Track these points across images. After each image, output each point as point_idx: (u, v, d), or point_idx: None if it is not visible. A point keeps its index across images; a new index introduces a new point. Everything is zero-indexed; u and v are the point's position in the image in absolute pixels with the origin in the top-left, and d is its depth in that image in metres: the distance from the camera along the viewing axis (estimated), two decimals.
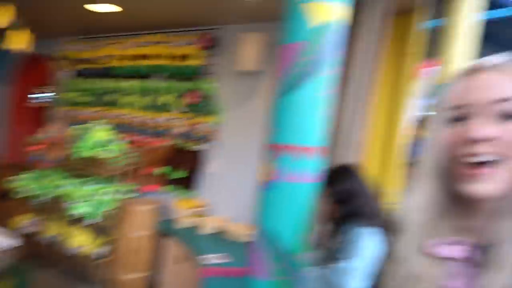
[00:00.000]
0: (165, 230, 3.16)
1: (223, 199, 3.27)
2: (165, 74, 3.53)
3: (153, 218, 3.28)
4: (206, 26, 3.45)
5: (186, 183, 3.37)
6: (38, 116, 5.61)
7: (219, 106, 3.33)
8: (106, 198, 3.40)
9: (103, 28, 3.92)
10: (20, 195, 3.76)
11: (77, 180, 3.59)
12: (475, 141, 0.59)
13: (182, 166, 3.33)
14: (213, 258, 2.34)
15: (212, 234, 2.97)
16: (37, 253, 3.82)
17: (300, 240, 1.11)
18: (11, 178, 3.79)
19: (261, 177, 1.15)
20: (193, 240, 2.80)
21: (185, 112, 3.43)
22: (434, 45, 2.63)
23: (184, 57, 3.37)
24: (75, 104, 4.26)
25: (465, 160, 0.60)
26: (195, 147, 3.35)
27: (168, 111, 3.53)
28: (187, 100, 3.33)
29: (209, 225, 2.98)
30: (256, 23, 3.21)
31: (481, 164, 0.58)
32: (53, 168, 3.87)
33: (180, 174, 3.31)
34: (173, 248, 3.04)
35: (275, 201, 1.15)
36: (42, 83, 5.53)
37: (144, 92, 3.70)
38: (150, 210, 3.27)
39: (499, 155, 0.58)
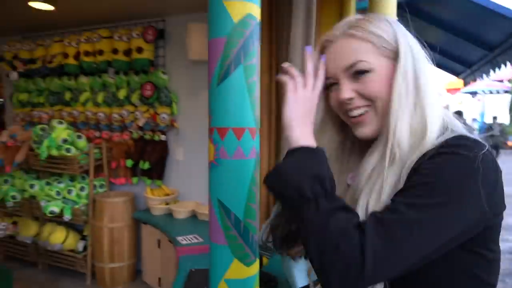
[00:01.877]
0: (141, 219, 3.35)
1: (191, 184, 3.50)
2: (119, 68, 3.57)
3: (128, 209, 3.47)
4: (153, 18, 3.50)
5: (155, 173, 3.54)
6: None
7: (174, 96, 3.46)
8: (72, 195, 3.53)
9: (47, 25, 3.84)
10: None
11: (43, 181, 3.68)
12: (345, 101, 0.76)
13: (148, 156, 3.48)
14: (185, 239, 2.59)
15: (184, 219, 3.21)
16: (19, 254, 3.93)
17: (246, 207, 1.37)
18: None
19: (210, 157, 1.38)
20: (167, 225, 3.02)
21: (143, 104, 3.54)
22: None
23: (134, 50, 3.41)
24: (30, 105, 4.21)
25: (346, 114, 0.78)
26: (158, 138, 3.50)
27: (126, 105, 3.62)
28: (143, 92, 3.43)
29: (181, 210, 3.21)
30: (203, 13, 3.31)
31: (357, 110, 0.76)
32: (18, 170, 3.91)
33: (147, 164, 3.47)
34: (151, 235, 3.26)
35: (223, 177, 1.39)
36: None
37: (100, 87, 3.73)
38: (124, 201, 3.45)
39: (365, 105, 0.75)
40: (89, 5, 3.17)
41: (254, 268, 1.41)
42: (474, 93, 15.36)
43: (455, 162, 0.63)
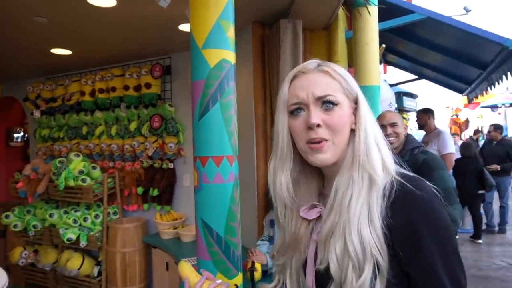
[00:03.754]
0: (151, 243, 3.54)
1: None
2: (130, 103, 3.87)
3: (139, 234, 3.67)
4: (160, 56, 3.82)
5: (164, 199, 3.75)
6: (17, 155, 5.88)
7: (180, 126, 3.71)
8: (87, 223, 3.76)
9: (66, 67, 4.23)
10: (14, 230, 4.08)
11: (62, 210, 3.93)
12: (314, 127, 0.80)
13: (157, 184, 3.70)
14: (188, 261, 2.75)
15: (191, 242, 3.37)
16: (39, 281, 4.15)
17: (227, 226, 1.55)
18: (3, 215, 4.08)
19: (195, 182, 1.58)
20: (175, 249, 3.19)
21: (152, 135, 3.80)
22: (350, 55, 3.09)
23: (143, 86, 3.71)
24: (51, 139, 4.56)
25: (309, 140, 0.81)
26: (166, 166, 3.73)
27: (137, 136, 3.89)
28: (152, 124, 3.70)
29: (187, 233, 3.38)
30: None
31: (319, 141, 0.81)
32: (39, 201, 4.19)
33: (156, 191, 3.69)
34: (160, 258, 3.43)
35: (205, 199, 1.60)
36: (16, 124, 5.80)
37: (114, 121, 4.04)
38: (136, 227, 3.65)
39: (328, 134, 0.81)
40: (102, 47, 3.52)
41: (237, 281, 1.56)
42: (494, 107, 15.12)
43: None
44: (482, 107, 14.89)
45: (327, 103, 0.81)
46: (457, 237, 5.46)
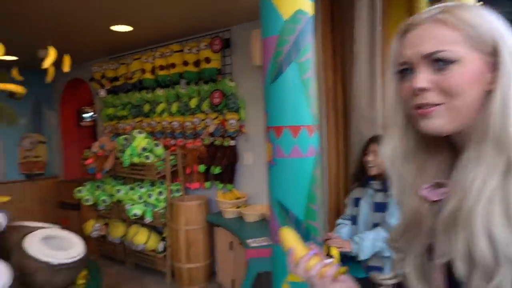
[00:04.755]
0: (215, 221, 3.48)
1: (259, 188, 3.54)
2: (190, 79, 3.78)
3: (202, 212, 3.63)
4: (219, 29, 3.66)
5: (225, 177, 3.66)
6: (85, 133, 6.19)
7: (241, 102, 3.55)
8: (151, 199, 3.79)
9: (127, 46, 4.24)
10: (86, 204, 4.28)
11: (128, 186, 4.02)
12: (418, 92, 0.65)
13: (219, 161, 3.61)
14: (254, 242, 2.62)
15: (254, 222, 3.25)
16: (110, 252, 4.35)
17: (307, 208, 1.33)
18: (76, 190, 4.29)
19: (268, 156, 1.37)
20: (239, 228, 3.09)
21: (213, 111, 3.69)
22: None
23: (203, 61, 3.60)
24: (116, 118, 4.67)
25: (416, 105, 0.67)
26: (227, 143, 3.61)
27: (198, 113, 3.81)
28: (212, 100, 3.59)
29: (251, 213, 3.26)
30: None
31: (428, 105, 0.65)
32: (107, 177, 4.34)
33: (218, 169, 3.60)
34: (224, 238, 3.36)
35: (281, 176, 1.37)
36: (86, 104, 6.07)
37: (174, 98, 4.00)
38: (199, 205, 3.62)
39: (442, 98, 0.64)
40: (162, 23, 3.43)
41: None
42: None
43: None
44: None
45: (439, 61, 0.64)
46: None
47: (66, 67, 2.47)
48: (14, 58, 4.69)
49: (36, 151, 5.68)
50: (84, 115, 6.04)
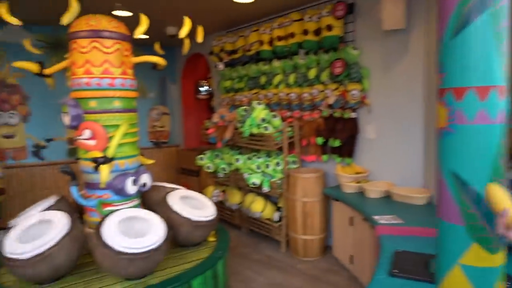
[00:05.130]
0: (333, 195, 3.40)
1: (382, 164, 3.33)
2: (309, 48, 3.67)
3: (319, 185, 3.58)
4: None
5: (345, 151, 3.52)
6: (202, 106, 6.62)
7: (365, 71, 3.32)
8: (269, 169, 3.86)
9: (246, 18, 4.30)
10: (207, 171, 4.60)
11: (245, 156, 4.16)
12: None
13: (338, 134, 3.48)
14: (382, 219, 2.47)
15: (377, 198, 3.07)
16: (227, 217, 4.64)
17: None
18: (198, 158, 4.63)
19: (442, 123, 1.20)
20: (361, 204, 2.96)
21: (332, 82, 3.54)
22: None
23: (324, 28, 3.44)
24: (233, 90, 4.85)
25: None
26: (348, 115, 3.45)
27: (316, 84, 3.70)
28: (334, 70, 3.43)
29: (374, 189, 3.09)
30: None
31: None
32: (225, 146, 4.57)
33: (337, 142, 3.48)
34: (342, 212, 3.28)
35: (460, 145, 1.19)
36: (202, 78, 6.46)
37: (293, 69, 3.95)
38: (316, 178, 3.57)
39: None
40: None
41: (499, 258, 1.18)
42: None
43: None
44: None
45: None
46: None
47: (200, 37, 2.57)
48: (145, 36, 5.17)
49: (161, 121, 6.29)
50: (201, 89, 6.43)
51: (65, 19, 1.92)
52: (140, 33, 2.24)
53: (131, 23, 2.40)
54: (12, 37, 4.47)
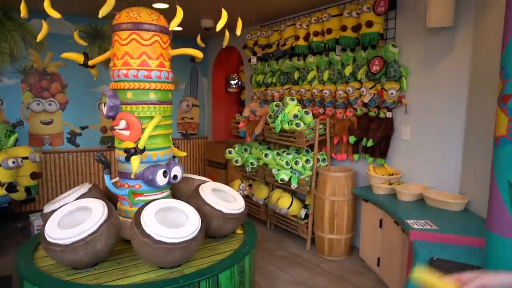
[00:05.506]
0: (363, 196, 3.33)
1: (417, 166, 3.22)
2: (346, 45, 3.58)
3: (349, 184, 3.52)
4: None
5: (378, 151, 3.43)
6: (232, 99, 6.63)
7: (404, 70, 3.21)
8: (298, 166, 3.82)
9: (282, 12, 4.25)
10: (235, 164, 4.61)
11: (274, 151, 4.14)
12: None
13: (372, 134, 3.40)
14: (416, 224, 2.39)
15: (410, 202, 2.98)
16: (253, 212, 4.65)
17: None
18: (227, 151, 4.64)
19: (501, 131, 1.13)
20: (392, 206, 2.88)
21: (369, 80, 3.45)
22: None
23: (363, 25, 3.34)
24: (264, 85, 4.82)
25: None
26: (383, 115, 3.35)
27: (352, 81, 3.62)
28: (371, 68, 3.34)
29: (407, 192, 3.00)
30: None
31: None
32: (253, 141, 4.57)
33: (370, 142, 3.39)
34: (372, 214, 3.21)
35: None
36: (233, 71, 6.47)
37: (328, 65, 3.87)
38: (346, 177, 3.51)
39: None
40: None
41: None
42: None
43: None
44: None
45: None
46: None
47: (238, 30, 2.55)
48: (179, 28, 5.22)
49: (191, 113, 6.36)
50: (231, 82, 6.44)
51: (101, 12, 1.95)
52: (175, 25, 2.24)
53: (169, 15, 2.41)
54: (55, 28, 4.62)
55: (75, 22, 4.84)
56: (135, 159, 2.09)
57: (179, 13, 2.27)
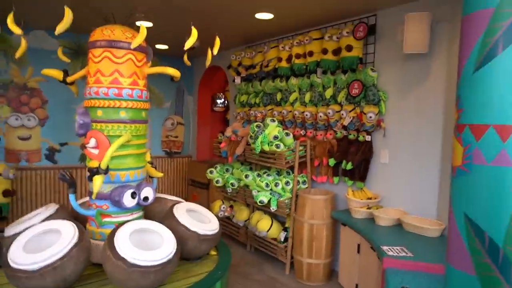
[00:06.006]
0: (341, 219, 3.29)
1: (395, 190, 3.20)
2: (327, 68, 3.61)
3: (328, 207, 3.47)
4: (364, 14, 3.38)
5: (357, 174, 3.41)
6: (217, 118, 6.61)
7: (383, 94, 3.23)
8: (278, 188, 3.77)
9: (266, 34, 4.29)
10: (216, 185, 4.54)
11: (255, 172, 4.09)
12: None
13: (351, 157, 3.38)
14: (391, 250, 2.34)
15: (388, 226, 2.94)
16: (232, 233, 4.55)
17: (508, 231, 1.04)
18: (208, 171, 4.57)
19: (457, 161, 1.11)
20: (370, 231, 2.84)
21: (349, 103, 3.46)
22: None
23: (343, 48, 3.38)
24: (248, 105, 4.82)
25: None
26: (363, 138, 3.35)
27: (332, 104, 3.63)
28: (351, 91, 3.35)
29: (385, 217, 2.96)
30: (415, 2, 2.98)
31: None
32: (236, 161, 4.52)
33: (349, 165, 3.37)
34: (350, 238, 3.15)
35: (475, 187, 1.09)
36: (219, 91, 6.47)
37: (309, 87, 3.89)
38: (325, 200, 3.47)
39: None
40: (304, 9, 3.33)
41: None
42: None
43: None
44: None
45: None
46: None
47: (216, 49, 2.54)
48: (165, 47, 5.23)
49: (175, 131, 6.30)
50: (218, 101, 6.43)
51: (58, 29, 1.92)
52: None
53: (154, 34, 2.40)
54: (35, 43, 4.58)
55: (59, 37, 4.81)
56: (97, 179, 2.01)
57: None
